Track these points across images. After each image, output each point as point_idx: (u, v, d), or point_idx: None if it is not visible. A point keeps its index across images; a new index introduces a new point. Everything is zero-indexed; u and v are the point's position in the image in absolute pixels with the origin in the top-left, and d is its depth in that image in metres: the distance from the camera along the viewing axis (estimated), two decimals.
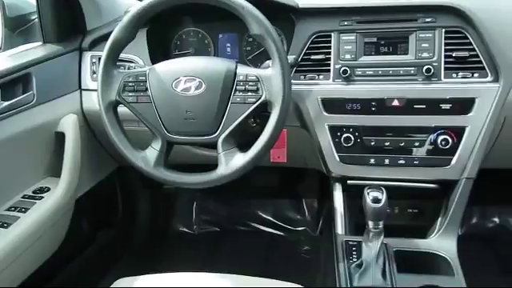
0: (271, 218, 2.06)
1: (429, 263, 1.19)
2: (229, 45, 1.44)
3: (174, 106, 1.10)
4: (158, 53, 1.41)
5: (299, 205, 2.06)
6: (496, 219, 1.90)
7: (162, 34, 1.45)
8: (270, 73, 1.07)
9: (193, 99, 1.09)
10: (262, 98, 1.07)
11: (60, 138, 1.36)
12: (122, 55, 1.17)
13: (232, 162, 1.09)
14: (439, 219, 1.28)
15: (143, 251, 1.94)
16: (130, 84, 1.12)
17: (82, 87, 1.44)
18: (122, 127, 1.16)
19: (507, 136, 1.26)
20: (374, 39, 1.25)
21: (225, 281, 1.07)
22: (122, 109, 1.15)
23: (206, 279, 1.08)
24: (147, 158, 1.13)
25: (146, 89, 1.12)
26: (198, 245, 2.00)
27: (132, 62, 1.37)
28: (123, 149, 1.14)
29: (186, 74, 1.09)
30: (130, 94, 1.12)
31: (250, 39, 1.41)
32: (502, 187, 1.70)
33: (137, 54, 1.37)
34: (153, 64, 1.16)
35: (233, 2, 1.04)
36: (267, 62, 1.15)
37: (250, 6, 1.06)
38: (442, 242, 1.23)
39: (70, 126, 1.35)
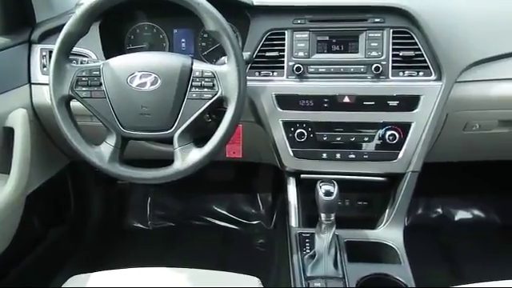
0: (226, 213, 2.08)
1: (377, 252, 1.25)
2: (184, 40, 1.44)
3: (129, 101, 1.10)
4: (112, 47, 1.39)
5: (254, 199, 2.09)
6: (439, 210, 2.00)
7: (115, 28, 1.43)
8: (226, 69, 1.09)
9: (148, 95, 1.09)
10: (218, 94, 1.08)
11: (8, 133, 1.32)
12: (74, 49, 1.15)
13: (188, 158, 1.10)
14: (387, 210, 1.34)
15: (96, 248, 1.91)
16: (84, 79, 1.11)
17: (32, 81, 1.40)
18: (75, 122, 1.14)
19: (449, 132, 1.33)
20: (326, 37, 1.29)
21: (180, 275, 1.08)
22: (74, 103, 1.14)
23: (161, 274, 1.09)
24: (102, 153, 1.12)
25: (100, 84, 1.10)
26: (153, 240, 1.99)
27: (85, 56, 1.35)
28: (77, 144, 1.12)
29: (141, 69, 1.09)
30: (84, 88, 1.11)
31: (205, 35, 1.41)
32: (444, 180, 1.80)
33: (89, 48, 1.35)
34: (106, 58, 1.15)
35: None
36: (223, 58, 1.16)
37: (205, 2, 1.07)
38: (389, 233, 1.29)
39: (18, 121, 1.32)
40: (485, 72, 1.28)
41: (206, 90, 1.09)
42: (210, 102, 1.09)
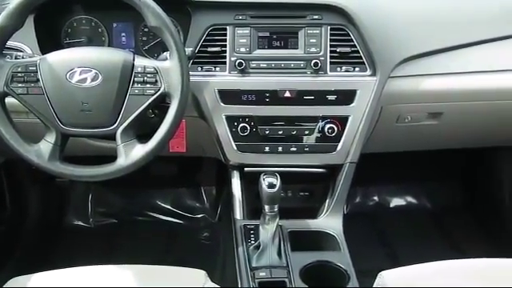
0: (170, 207, 2.08)
1: (319, 241, 1.30)
2: (124, 34, 1.42)
3: (69, 97, 1.08)
4: (48, 41, 1.34)
5: (198, 193, 2.10)
6: (375, 198, 2.11)
7: (51, 21, 1.38)
8: (169, 65, 1.09)
9: (89, 91, 1.07)
10: (161, 90, 1.09)
11: None
12: (8, 43, 1.11)
13: (132, 154, 1.09)
14: (327, 200, 1.40)
15: (36, 249, 1.85)
16: (19, 74, 1.07)
17: None
18: (11, 119, 1.10)
19: (383, 124, 1.41)
20: (267, 34, 1.32)
21: (125, 272, 1.06)
22: (9, 99, 1.10)
23: (105, 272, 1.07)
24: (41, 151, 1.09)
25: (38, 80, 1.07)
26: (95, 238, 1.95)
27: (19, 50, 1.29)
28: (13, 142, 1.08)
29: (80, 64, 1.07)
30: (20, 85, 1.07)
31: (146, 29, 1.40)
32: (380, 170, 1.89)
33: (24, 42, 1.29)
34: (42, 53, 1.12)
35: None
36: (165, 53, 1.16)
37: None
38: (329, 221, 1.35)
39: None
40: (415, 68, 1.35)
41: (148, 85, 1.08)
42: (153, 97, 1.09)
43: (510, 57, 1.39)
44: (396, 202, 2.11)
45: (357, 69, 1.32)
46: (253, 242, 1.24)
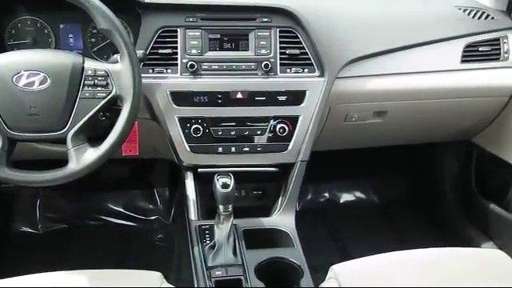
0: (122, 210, 2.04)
1: (273, 238, 1.33)
2: (71, 36, 1.39)
3: (16, 101, 1.05)
4: None
5: (151, 194, 2.08)
6: (326, 194, 2.17)
7: None
8: (120, 68, 1.08)
9: (37, 94, 1.05)
10: (113, 93, 1.08)
11: None
12: None
13: (83, 158, 1.08)
14: (280, 198, 1.43)
15: None
16: None
17: None
18: None
19: (331, 123, 1.46)
20: (218, 36, 1.33)
21: (77, 277, 1.05)
22: None
23: (55, 279, 1.04)
24: None
25: None
26: (45, 245, 1.89)
27: None
28: None
29: (28, 67, 1.04)
30: None
31: (95, 30, 1.37)
32: (330, 167, 1.95)
33: None
34: None
35: None
36: (115, 56, 1.15)
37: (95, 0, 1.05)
38: (283, 219, 1.38)
39: None
40: (360, 69, 1.41)
41: (99, 88, 1.07)
42: (105, 101, 1.08)
43: (444, 58, 1.48)
44: (346, 197, 2.18)
45: (306, 70, 1.36)
46: (208, 242, 1.25)
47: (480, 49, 1.49)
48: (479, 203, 1.79)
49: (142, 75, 1.17)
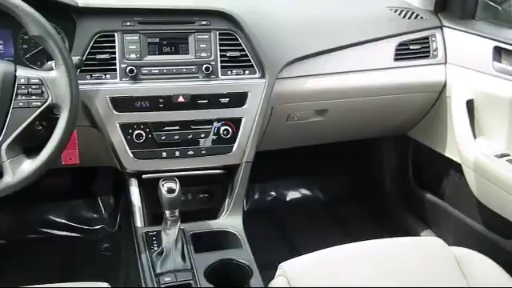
0: (65, 221, 1.97)
1: (221, 240, 1.33)
2: (1, 42, 1.32)
3: None
4: None
5: (94, 203, 2.02)
6: (273, 193, 2.20)
7: None
8: (55, 75, 1.05)
9: None
10: (49, 102, 1.04)
11: None
12: None
13: (19, 170, 1.04)
14: (227, 200, 1.43)
15: None
16: None
17: None
18: None
19: (274, 123, 1.48)
20: (157, 39, 1.32)
21: None
22: None
23: None
24: None
25: None
26: None
27: None
28: None
29: None
30: None
31: (27, 36, 1.32)
32: (275, 166, 1.98)
33: None
34: None
35: (6, 2, 0.98)
36: (50, 62, 1.11)
37: (25, 5, 1.01)
38: (230, 220, 1.39)
39: None
40: (300, 69, 1.44)
41: (34, 97, 1.03)
42: (40, 110, 1.04)
43: (379, 57, 1.54)
44: (292, 195, 2.22)
45: (247, 72, 1.37)
46: (156, 249, 1.24)
47: (411, 47, 1.57)
48: (417, 194, 1.88)
49: (80, 82, 1.14)
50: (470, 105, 1.49)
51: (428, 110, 1.69)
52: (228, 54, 1.35)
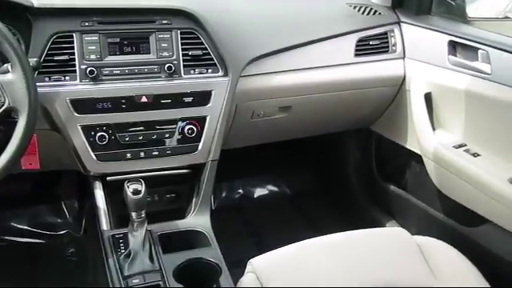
0: (28, 227, 1.92)
1: (190, 240, 1.32)
2: None
3: None
4: None
5: (58, 208, 1.98)
6: (240, 191, 2.20)
7: None
8: (12, 78, 1.02)
9: None
10: (5, 106, 1.01)
11: None
12: None
13: None
14: (194, 199, 1.43)
15: None
16: None
17: None
18: None
19: (239, 121, 1.49)
20: (117, 39, 1.30)
21: None
22: None
23: None
24: None
25: None
26: None
27: None
28: None
29: None
30: None
31: None
32: (242, 164, 1.99)
33: None
34: None
35: None
36: (5, 65, 1.08)
37: None
38: (198, 219, 1.38)
39: None
40: (263, 66, 1.45)
41: None
42: None
43: (340, 53, 1.57)
44: (259, 192, 2.23)
45: (210, 70, 1.37)
46: (123, 251, 1.22)
47: (371, 43, 1.60)
48: (380, 186, 1.92)
49: (38, 84, 1.11)
50: (428, 98, 1.53)
51: (389, 104, 1.73)
52: (190, 53, 1.34)
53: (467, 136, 1.44)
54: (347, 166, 2.11)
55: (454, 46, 1.46)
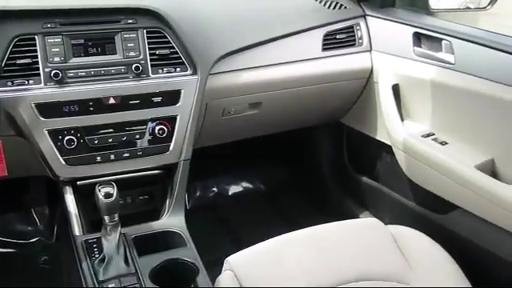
0: None
1: (165, 241, 1.31)
2: None
3: None
4: None
5: (28, 215, 1.93)
6: (215, 189, 2.20)
7: None
8: None
9: None
10: None
11: None
12: None
13: None
14: (168, 200, 1.41)
15: None
16: None
17: None
18: None
19: (210, 119, 1.48)
20: (82, 41, 1.27)
21: None
22: None
23: None
24: None
25: None
26: None
27: None
28: None
29: None
30: None
31: None
32: (215, 162, 1.99)
33: None
34: None
35: None
36: None
37: None
38: (172, 220, 1.37)
39: None
40: (232, 63, 1.45)
41: None
42: None
43: (308, 47, 1.58)
44: (233, 189, 2.23)
45: (178, 69, 1.35)
46: (97, 256, 1.20)
47: (337, 36, 1.62)
48: (353, 178, 1.95)
49: (1, 89, 1.08)
50: (395, 89, 1.56)
51: (358, 97, 1.76)
52: (158, 52, 1.33)
53: (435, 125, 1.47)
54: (320, 159, 2.13)
55: (418, 38, 1.49)
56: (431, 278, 1.12)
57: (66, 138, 1.25)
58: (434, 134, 1.46)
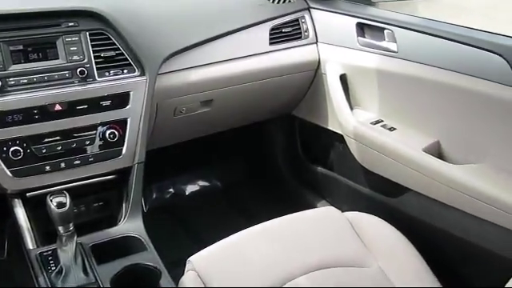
0: None
1: (124, 246, 1.29)
2: None
3: None
4: None
5: None
6: (171, 190, 2.17)
7: None
8: None
9: None
10: None
11: None
12: None
13: None
14: (124, 204, 1.39)
15: None
16: None
17: None
18: None
19: (162, 119, 1.46)
20: (21, 47, 1.22)
21: None
22: None
23: None
24: None
25: None
26: None
27: None
28: None
29: None
30: None
31: None
32: (170, 163, 1.96)
33: None
34: None
35: None
36: None
37: None
38: (130, 224, 1.35)
39: None
40: (180, 62, 1.43)
41: None
42: None
43: (255, 42, 1.59)
44: (190, 188, 2.21)
45: (125, 71, 1.33)
46: (54, 268, 1.17)
47: (283, 30, 1.63)
48: (308, 168, 1.98)
49: None
50: (343, 79, 1.60)
51: (307, 89, 1.78)
52: (103, 55, 1.29)
53: (382, 112, 1.52)
54: (274, 152, 2.15)
55: (361, 28, 1.53)
56: (388, 258, 1.17)
57: (12, 148, 1.20)
58: (382, 121, 1.51)
